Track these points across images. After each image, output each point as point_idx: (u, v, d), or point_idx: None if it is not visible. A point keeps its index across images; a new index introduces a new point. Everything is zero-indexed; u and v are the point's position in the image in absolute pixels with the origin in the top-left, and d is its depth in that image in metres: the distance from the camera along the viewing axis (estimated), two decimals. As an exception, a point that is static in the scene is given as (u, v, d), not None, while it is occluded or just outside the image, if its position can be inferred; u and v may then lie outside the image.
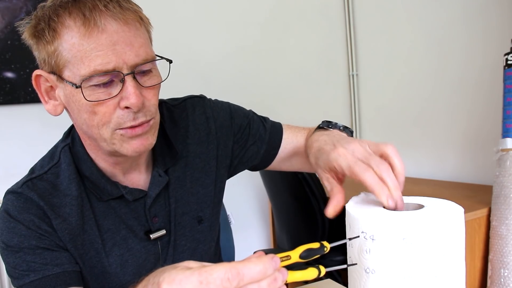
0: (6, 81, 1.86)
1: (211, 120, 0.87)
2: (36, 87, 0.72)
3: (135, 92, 0.65)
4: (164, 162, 0.81)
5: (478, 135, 2.00)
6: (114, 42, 0.64)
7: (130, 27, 0.66)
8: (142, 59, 0.67)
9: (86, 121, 0.69)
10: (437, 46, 2.17)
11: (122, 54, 0.64)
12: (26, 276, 0.70)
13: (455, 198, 0.61)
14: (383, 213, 0.54)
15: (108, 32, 0.64)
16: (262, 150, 0.92)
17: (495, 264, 1.45)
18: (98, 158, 0.76)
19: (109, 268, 0.76)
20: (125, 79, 0.65)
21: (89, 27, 0.63)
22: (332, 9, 2.66)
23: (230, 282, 0.41)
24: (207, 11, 2.31)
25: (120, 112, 0.67)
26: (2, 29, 1.84)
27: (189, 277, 0.41)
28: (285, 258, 0.48)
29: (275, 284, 0.43)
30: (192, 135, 0.85)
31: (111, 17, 0.64)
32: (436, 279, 0.50)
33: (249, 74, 2.46)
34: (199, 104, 0.88)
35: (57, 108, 0.72)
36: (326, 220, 1.83)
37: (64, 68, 0.66)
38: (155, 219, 0.80)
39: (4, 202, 0.73)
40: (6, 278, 1.83)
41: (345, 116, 2.75)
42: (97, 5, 0.64)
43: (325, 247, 0.50)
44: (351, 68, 2.69)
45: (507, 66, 1.52)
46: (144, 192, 0.78)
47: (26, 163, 1.74)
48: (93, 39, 0.63)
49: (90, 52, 0.63)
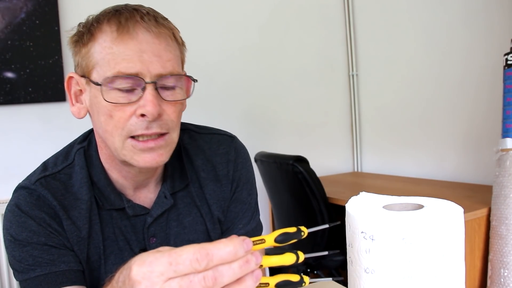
0: (6, 81, 1.86)
1: (231, 164, 0.86)
2: (67, 88, 0.74)
3: (153, 101, 0.66)
4: (173, 185, 0.80)
5: (478, 135, 2.00)
6: (142, 50, 0.66)
7: (161, 40, 0.68)
8: (167, 72, 0.68)
9: (102, 124, 0.69)
10: (437, 46, 2.17)
11: (148, 63, 0.66)
12: (32, 270, 0.70)
13: (455, 198, 0.61)
14: (382, 213, 0.54)
15: (138, 40, 0.66)
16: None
17: (495, 264, 1.45)
18: (112, 169, 0.76)
19: (104, 275, 0.76)
20: (146, 87, 0.66)
21: (122, 33, 0.66)
22: (332, 9, 2.66)
23: (199, 262, 0.40)
24: (207, 12, 2.31)
25: (134, 119, 0.67)
26: (2, 29, 1.85)
27: (159, 259, 0.42)
28: (259, 242, 0.46)
29: (247, 266, 0.42)
30: (208, 170, 0.84)
31: (145, 28, 0.67)
32: (435, 279, 0.50)
33: (249, 74, 2.46)
34: (226, 143, 0.87)
35: (81, 111, 0.74)
36: (326, 220, 1.83)
37: (93, 69, 0.68)
38: (152, 239, 0.79)
39: (16, 197, 0.73)
40: (6, 270, 1.83)
41: (345, 116, 2.75)
42: (134, 16, 0.68)
43: (302, 232, 0.48)
44: (351, 68, 2.69)
45: (507, 66, 1.52)
46: (146, 210, 0.78)
47: (26, 163, 1.76)
48: (123, 44, 0.66)
49: (118, 55, 0.66)
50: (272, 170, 1.99)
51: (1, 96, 1.85)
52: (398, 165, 2.48)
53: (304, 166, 1.82)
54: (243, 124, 2.41)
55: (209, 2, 2.32)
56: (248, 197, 0.88)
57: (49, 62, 1.93)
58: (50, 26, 1.92)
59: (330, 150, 2.71)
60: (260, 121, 2.48)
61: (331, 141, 2.71)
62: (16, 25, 1.87)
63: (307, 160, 1.84)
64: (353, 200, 0.61)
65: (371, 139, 2.69)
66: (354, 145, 2.75)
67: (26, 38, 1.89)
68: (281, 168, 1.91)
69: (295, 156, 1.84)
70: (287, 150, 2.06)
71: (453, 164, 2.14)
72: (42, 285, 0.70)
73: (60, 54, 1.94)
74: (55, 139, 1.93)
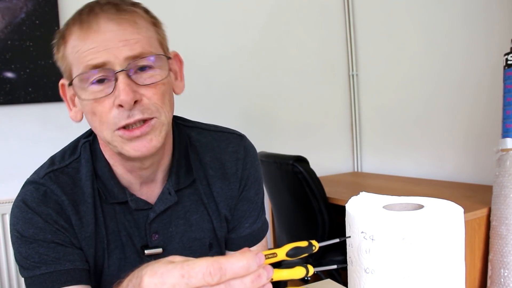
0: (6, 81, 1.86)
1: (240, 162, 0.85)
2: (63, 95, 0.75)
3: (125, 89, 0.64)
4: (178, 182, 0.79)
5: (478, 135, 2.00)
6: (107, 40, 0.65)
7: (125, 26, 0.67)
8: (138, 53, 0.66)
9: (91, 123, 0.70)
10: (437, 46, 2.17)
11: (114, 50, 0.65)
12: (37, 268, 0.70)
13: (455, 198, 0.61)
14: (382, 213, 0.54)
15: (102, 31, 0.65)
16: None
17: (495, 264, 1.45)
18: (117, 164, 0.76)
19: (107, 269, 0.76)
20: (117, 76, 0.65)
21: (84, 29, 0.66)
22: (332, 9, 2.66)
23: (212, 276, 0.40)
24: (207, 11, 2.31)
25: (115, 111, 0.66)
26: (2, 29, 1.85)
27: (171, 271, 0.41)
28: (271, 256, 0.47)
29: (259, 280, 0.42)
30: (216, 168, 0.84)
31: (106, 18, 0.66)
32: (435, 279, 0.50)
33: (249, 74, 2.46)
34: (235, 141, 0.86)
35: (77, 114, 0.74)
36: (326, 220, 1.83)
37: (71, 72, 0.69)
38: (154, 235, 0.78)
39: (23, 192, 0.73)
40: (14, 266, 1.83)
41: (345, 116, 2.75)
42: (94, 9, 0.67)
43: (313, 246, 0.49)
44: (351, 68, 2.69)
45: (507, 66, 1.52)
46: (149, 205, 0.78)
47: (26, 163, 1.76)
48: (89, 40, 0.65)
49: (84, 51, 0.65)
50: (272, 170, 1.99)
51: (1, 96, 1.85)
52: (398, 165, 2.48)
53: (304, 166, 1.82)
54: (243, 124, 2.40)
55: (209, 2, 2.32)
56: (255, 196, 0.88)
57: (49, 62, 1.93)
58: (50, 26, 1.92)
59: (330, 150, 2.71)
60: (260, 121, 2.48)
61: (331, 141, 2.71)
62: (16, 25, 1.87)
63: (307, 160, 1.84)
64: (353, 200, 0.61)
65: (371, 139, 2.69)
66: (354, 145, 2.75)
67: (26, 38, 1.89)
68: (281, 168, 1.91)
69: (295, 156, 1.83)
70: (287, 150, 2.06)
71: (453, 164, 2.14)
72: (47, 283, 0.70)
73: (60, 54, 1.95)
74: (55, 139, 1.93)
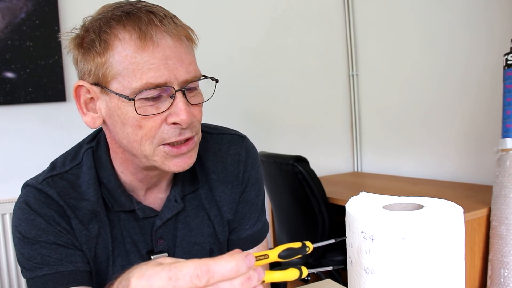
0: (6, 81, 1.86)
1: (241, 164, 0.85)
2: (76, 97, 0.71)
3: (186, 109, 0.65)
4: (183, 188, 0.80)
5: (478, 135, 2.00)
6: (167, 57, 0.64)
7: (181, 43, 0.67)
8: (192, 76, 0.67)
9: (129, 135, 0.67)
10: (437, 46, 2.17)
11: (174, 70, 0.65)
12: (39, 269, 0.70)
13: (455, 198, 0.61)
14: (382, 213, 0.54)
15: (162, 46, 0.64)
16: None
17: (495, 264, 1.45)
18: (126, 172, 0.75)
19: (112, 276, 0.76)
20: (176, 95, 0.65)
21: (145, 41, 0.64)
22: (332, 9, 2.66)
23: (200, 279, 0.40)
24: (208, 12, 2.31)
25: (166, 127, 0.66)
26: (2, 29, 1.85)
27: (158, 273, 0.41)
28: (262, 257, 0.46)
29: (249, 283, 0.41)
30: (219, 171, 0.83)
31: (166, 33, 0.65)
32: (435, 279, 0.50)
33: (249, 74, 2.46)
34: (237, 143, 0.86)
35: (96, 120, 0.71)
36: (326, 220, 1.83)
37: (113, 80, 0.65)
38: (160, 241, 0.79)
39: (25, 194, 0.73)
40: (14, 266, 1.83)
41: (345, 116, 2.75)
42: (153, 20, 0.65)
43: (307, 247, 0.47)
44: (351, 68, 2.69)
45: (507, 66, 1.52)
46: (156, 212, 0.78)
47: (26, 163, 1.76)
48: (148, 52, 0.64)
49: (143, 65, 0.63)
50: (272, 170, 1.99)
51: (1, 96, 1.85)
52: (398, 165, 2.48)
53: (304, 166, 1.82)
54: (243, 124, 2.40)
55: (211, 3, 2.32)
56: (256, 198, 0.87)
57: (49, 62, 1.93)
58: (50, 26, 1.92)
59: (330, 150, 2.71)
60: (260, 121, 2.48)
61: (331, 141, 2.71)
62: (16, 25, 1.87)
63: (307, 160, 1.84)
64: (353, 200, 0.61)
65: (371, 139, 2.69)
66: (354, 145, 2.75)
67: (26, 38, 1.89)
68: (281, 168, 1.91)
69: (295, 156, 1.84)
70: (287, 150, 2.06)
71: (453, 164, 2.14)
72: (49, 284, 0.70)
73: (60, 54, 1.94)
74: (55, 139, 1.93)
